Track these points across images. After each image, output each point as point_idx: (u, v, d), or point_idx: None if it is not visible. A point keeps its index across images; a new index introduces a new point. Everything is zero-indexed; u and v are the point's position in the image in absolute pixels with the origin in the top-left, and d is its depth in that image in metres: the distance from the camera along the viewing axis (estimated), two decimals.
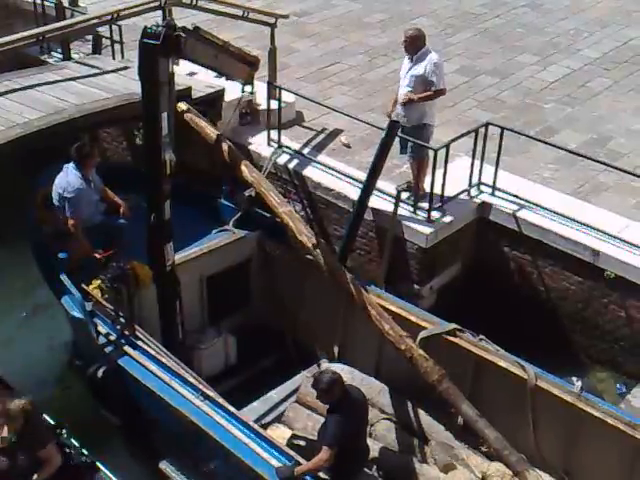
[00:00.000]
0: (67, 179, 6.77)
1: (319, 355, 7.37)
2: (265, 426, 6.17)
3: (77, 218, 6.70)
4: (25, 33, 8.76)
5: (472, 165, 7.86)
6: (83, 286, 6.44)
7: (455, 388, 6.00)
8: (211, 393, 5.74)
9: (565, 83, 10.51)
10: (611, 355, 7.61)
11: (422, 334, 6.40)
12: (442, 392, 5.99)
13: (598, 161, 7.90)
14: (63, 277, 6.48)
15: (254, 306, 7.74)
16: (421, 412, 6.41)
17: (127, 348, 6.16)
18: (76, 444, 5.78)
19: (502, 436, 5.68)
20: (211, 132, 7.46)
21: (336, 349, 7.28)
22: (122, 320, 6.23)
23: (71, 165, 6.83)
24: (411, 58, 7.40)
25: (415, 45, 7.36)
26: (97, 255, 6.71)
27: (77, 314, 6.36)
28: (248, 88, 6.48)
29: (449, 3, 13.03)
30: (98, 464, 5.77)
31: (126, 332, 6.22)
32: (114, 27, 9.36)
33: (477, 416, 5.84)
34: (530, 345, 7.57)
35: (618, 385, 7.51)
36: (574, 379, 6.10)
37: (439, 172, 7.51)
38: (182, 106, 7.49)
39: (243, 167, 7.27)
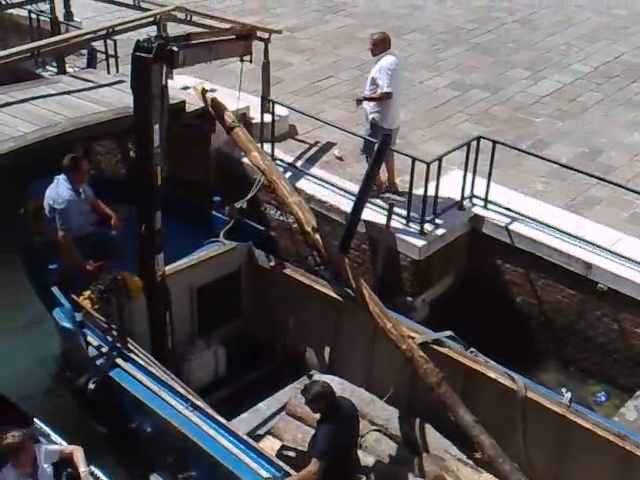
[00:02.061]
0: (57, 190, 6.79)
1: (309, 366, 7.36)
2: (256, 438, 6.15)
3: (67, 229, 6.71)
4: (20, 47, 8.79)
5: (464, 178, 7.89)
6: (73, 297, 6.44)
7: (453, 392, 6.02)
8: (200, 404, 5.72)
9: (556, 97, 10.60)
10: (604, 368, 7.59)
11: (418, 340, 6.41)
12: (440, 395, 6.00)
13: (590, 174, 7.93)
14: (53, 288, 6.47)
15: (244, 317, 7.72)
16: (411, 423, 6.39)
17: (117, 359, 6.13)
18: None
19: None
20: (228, 117, 7.51)
21: (326, 360, 7.27)
22: (113, 331, 6.22)
23: (62, 176, 6.86)
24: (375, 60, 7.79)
25: (378, 48, 7.76)
26: (88, 266, 6.72)
27: (67, 325, 6.35)
28: (247, 57, 6.58)
29: (440, 18, 13.18)
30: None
31: (118, 344, 6.20)
32: (109, 41, 9.42)
33: (474, 422, 5.85)
34: (523, 357, 7.58)
35: (598, 394, 7.50)
36: (563, 390, 6.05)
37: (432, 185, 7.55)
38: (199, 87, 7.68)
39: (256, 153, 7.33)
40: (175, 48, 5.69)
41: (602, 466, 5.81)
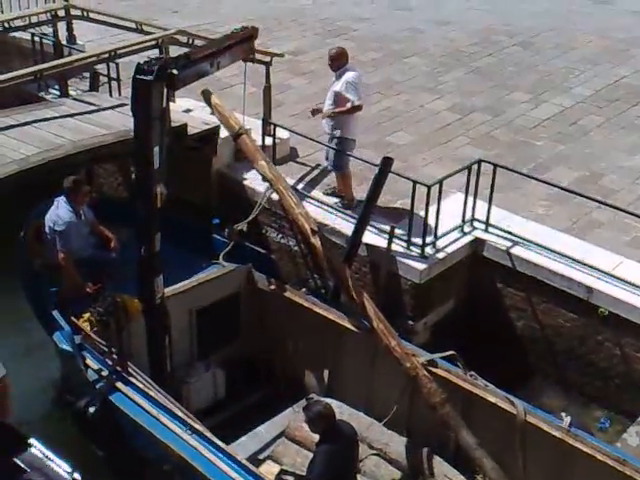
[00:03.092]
0: (57, 212, 6.82)
1: (308, 390, 7.32)
2: (255, 462, 6.10)
3: (67, 251, 6.72)
4: (23, 70, 8.86)
5: (465, 201, 7.89)
6: (73, 319, 6.42)
7: (455, 413, 5.99)
8: (199, 427, 5.69)
9: (557, 121, 10.61)
10: (606, 393, 7.53)
11: (421, 359, 6.39)
12: (443, 415, 6.00)
13: (591, 198, 7.90)
14: (54, 311, 6.46)
15: (243, 340, 7.69)
16: (411, 447, 6.36)
17: (116, 382, 6.11)
18: None
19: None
20: (235, 124, 7.46)
21: (325, 383, 7.24)
22: (112, 354, 6.20)
23: (62, 198, 6.89)
24: (335, 75, 8.00)
25: (337, 63, 7.98)
26: (88, 289, 6.71)
27: (66, 347, 6.34)
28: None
29: (441, 42, 13.24)
30: None
31: (117, 367, 6.18)
32: (111, 64, 9.48)
33: (476, 444, 5.85)
34: (524, 382, 7.55)
35: (602, 419, 7.43)
36: (563, 414, 6.04)
37: (433, 208, 7.55)
38: (210, 95, 7.60)
39: (263, 162, 7.30)
40: (175, 71, 5.71)
41: None
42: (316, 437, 5.62)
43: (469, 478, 6.12)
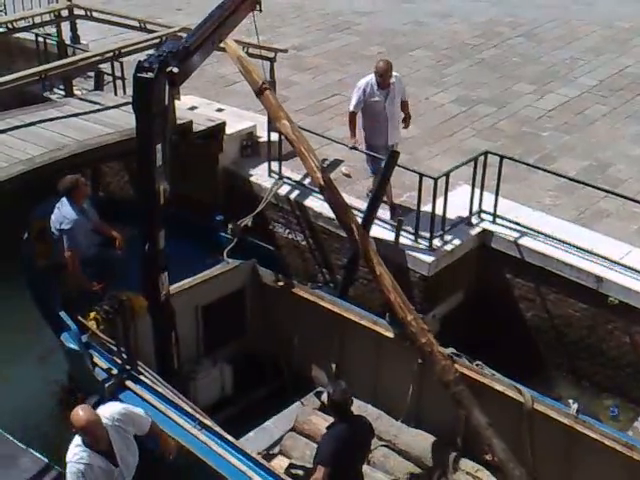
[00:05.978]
0: (62, 212, 6.78)
1: (315, 383, 7.31)
2: (264, 456, 6.09)
3: (75, 249, 6.70)
4: (28, 71, 8.89)
5: (472, 193, 7.87)
6: (79, 318, 6.42)
7: (469, 392, 5.98)
8: (209, 422, 5.69)
9: (562, 111, 10.59)
10: (617, 382, 7.52)
11: None
12: (455, 393, 6.00)
13: (599, 188, 7.90)
14: (60, 312, 6.45)
15: (249, 335, 7.69)
16: (419, 438, 6.36)
17: (125, 380, 6.09)
18: None
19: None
20: (258, 78, 7.19)
21: (332, 377, 7.19)
22: (121, 353, 6.19)
23: (63, 199, 6.86)
24: (380, 86, 7.76)
25: (391, 73, 7.78)
26: (93, 288, 6.70)
27: (74, 347, 6.33)
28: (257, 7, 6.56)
29: (445, 34, 13.21)
30: None
31: (125, 364, 6.17)
32: (116, 63, 9.49)
33: (487, 424, 5.85)
34: (534, 372, 7.54)
35: (611, 407, 7.42)
36: (570, 401, 6.05)
37: (440, 201, 7.53)
38: (234, 46, 7.34)
39: (285, 122, 7.07)
40: (175, 69, 5.68)
41: (610, 476, 5.77)
42: (323, 430, 5.61)
43: (479, 458, 6.15)
